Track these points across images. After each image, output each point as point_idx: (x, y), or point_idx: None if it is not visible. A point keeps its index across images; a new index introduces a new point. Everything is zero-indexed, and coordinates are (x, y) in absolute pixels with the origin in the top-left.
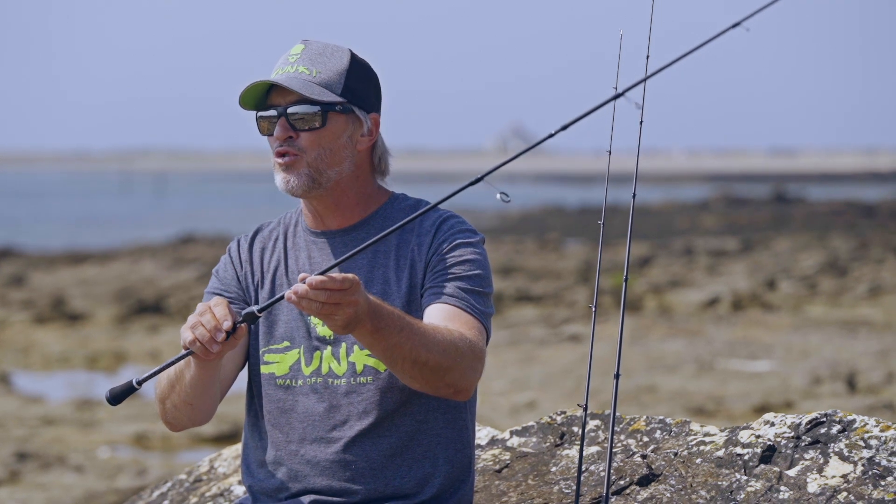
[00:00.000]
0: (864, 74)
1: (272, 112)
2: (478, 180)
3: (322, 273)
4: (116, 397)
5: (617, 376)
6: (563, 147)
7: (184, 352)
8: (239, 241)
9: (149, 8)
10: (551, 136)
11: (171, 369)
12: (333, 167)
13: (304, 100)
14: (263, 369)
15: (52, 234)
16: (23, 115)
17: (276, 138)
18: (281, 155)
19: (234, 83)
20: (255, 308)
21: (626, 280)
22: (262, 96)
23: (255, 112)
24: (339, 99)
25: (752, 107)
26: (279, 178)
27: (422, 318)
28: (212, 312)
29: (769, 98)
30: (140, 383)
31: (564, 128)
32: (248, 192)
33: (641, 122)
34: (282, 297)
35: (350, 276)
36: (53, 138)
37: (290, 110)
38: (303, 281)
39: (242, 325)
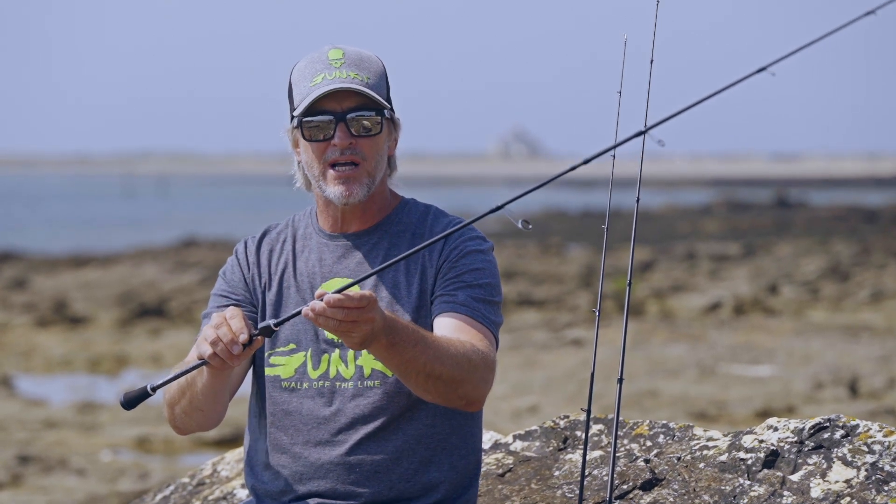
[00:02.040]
0: (867, 79)
1: (328, 117)
2: (498, 209)
3: (339, 291)
4: (131, 402)
5: (620, 381)
6: (565, 152)
7: (198, 361)
8: (246, 243)
9: (150, 10)
10: (574, 168)
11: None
12: (379, 173)
13: (365, 105)
14: (268, 371)
15: (54, 237)
16: (23, 118)
17: (336, 145)
18: (343, 163)
19: (236, 86)
20: (271, 322)
21: (629, 284)
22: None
23: (301, 117)
24: (388, 104)
25: (755, 111)
26: (338, 190)
27: (431, 324)
28: (228, 325)
29: (771, 103)
30: (155, 389)
31: (587, 161)
32: (250, 196)
33: (645, 126)
34: (298, 313)
35: (367, 293)
36: (55, 141)
37: (350, 116)
38: (320, 298)
39: (258, 337)
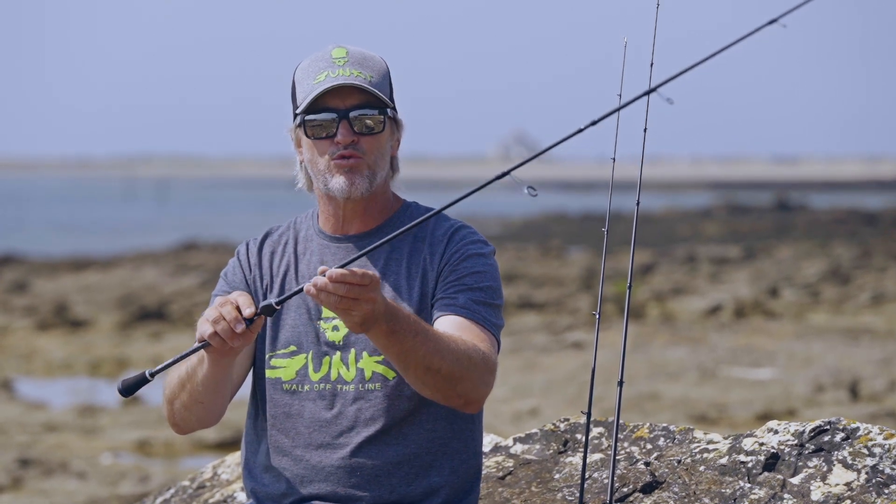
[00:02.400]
0: (867, 82)
1: (331, 115)
2: (505, 174)
3: (342, 266)
4: (129, 388)
5: (620, 384)
6: (566, 154)
7: (198, 344)
8: (248, 245)
9: (150, 13)
10: (580, 130)
11: (183, 369)
12: (381, 172)
13: (368, 103)
14: (269, 374)
15: (54, 240)
16: (24, 121)
17: (338, 141)
18: (345, 157)
19: (237, 89)
20: (272, 300)
21: (629, 287)
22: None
23: (304, 115)
24: (392, 104)
25: (755, 114)
26: (341, 181)
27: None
28: (232, 304)
29: (772, 105)
30: (153, 375)
31: (594, 123)
32: (251, 199)
33: (645, 130)
34: (300, 290)
35: (370, 272)
36: (55, 145)
37: (353, 114)
38: (322, 274)
39: (260, 316)
